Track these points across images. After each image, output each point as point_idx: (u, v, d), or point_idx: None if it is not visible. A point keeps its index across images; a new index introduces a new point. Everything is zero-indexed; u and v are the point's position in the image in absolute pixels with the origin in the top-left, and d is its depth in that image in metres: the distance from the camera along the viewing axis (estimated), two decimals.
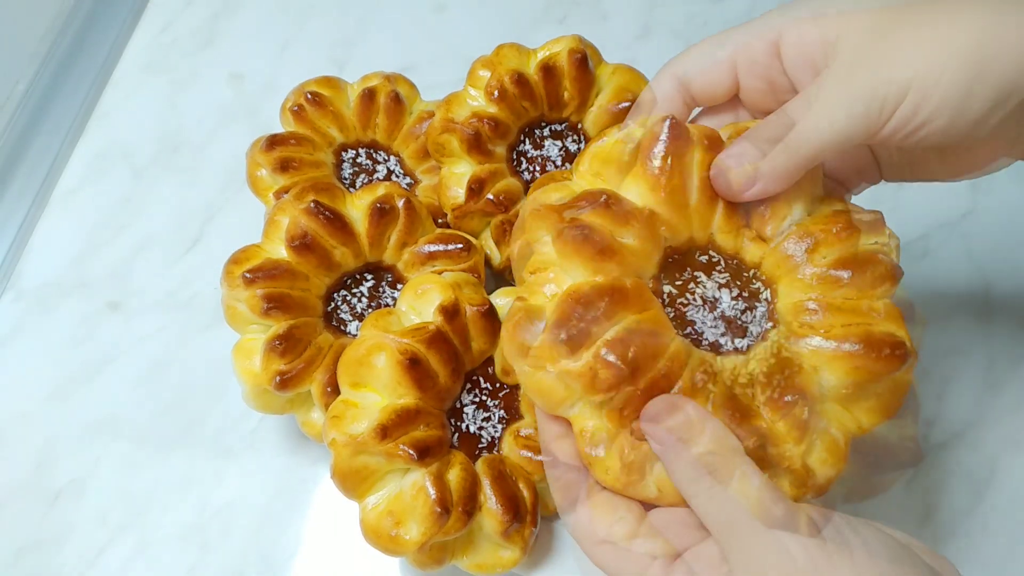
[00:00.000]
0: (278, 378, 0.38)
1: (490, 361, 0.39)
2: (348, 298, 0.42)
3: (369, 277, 0.42)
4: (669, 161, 0.29)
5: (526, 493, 0.37)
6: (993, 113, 0.27)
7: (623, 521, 0.28)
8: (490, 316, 0.38)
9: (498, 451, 0.38)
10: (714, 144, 0.30)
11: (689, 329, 0.30)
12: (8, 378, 0.48)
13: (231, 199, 0.53)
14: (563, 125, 0.47)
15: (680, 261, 0.30)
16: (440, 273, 0.40)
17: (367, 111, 0.47)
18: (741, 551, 0.25)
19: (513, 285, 0.44)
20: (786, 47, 0.30)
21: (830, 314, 0.29)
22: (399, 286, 0.42)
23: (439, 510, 0.34)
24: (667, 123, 0.29)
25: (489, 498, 0.36)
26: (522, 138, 0.46)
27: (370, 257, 0.42)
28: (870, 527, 0.25)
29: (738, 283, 0.31)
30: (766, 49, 0.31)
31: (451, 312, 0.36)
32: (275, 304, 0.38)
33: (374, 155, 0.48)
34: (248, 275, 0.38)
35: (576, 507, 0.29)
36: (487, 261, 0.45)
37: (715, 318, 0.30)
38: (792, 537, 0.24)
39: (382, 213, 0.40)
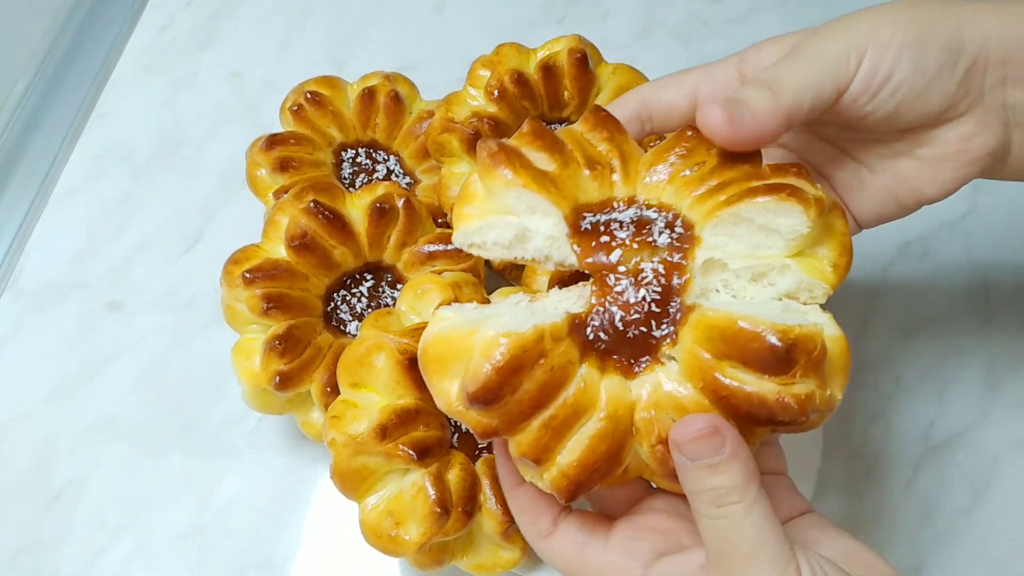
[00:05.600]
0: (277, 378, 0.38)
1: None
2: (348, 298, 0.42)
3: (369, 277, 0.42)
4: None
5: None
6: (947, 69, 0.30)
7: (593, 539, 0.29)
8: None
9: None
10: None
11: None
12: (7, 378, 0.48)
13: (230, 199, 0.53)
14: (563, 125, 0.47)
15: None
16: (440, 273, 0.40)
17: (367, 111, 0.47)
18: (726, 574, 0.26)
19: (513, 285, 0.44)
20: (747, 64, 0.33)
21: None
22: (399, 286, 0.42)
23: (439, 510, 0.34)
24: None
25: (489, 498, 0.36)
26: None
27: (370, 257, 0.42)
28: None
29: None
30: (728, 71, 0.34)
31: None
32: (274, 304, 0.38)
33: (374, 155, 0.48)
34: (248, 275, 0.38)
35: (548, 537, 0.30)
36: (487, 261, 0.45)
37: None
38: None
39: (382, 213, 0.40)
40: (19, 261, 0.51)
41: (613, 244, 0.28)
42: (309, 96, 0.46)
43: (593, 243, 0.29)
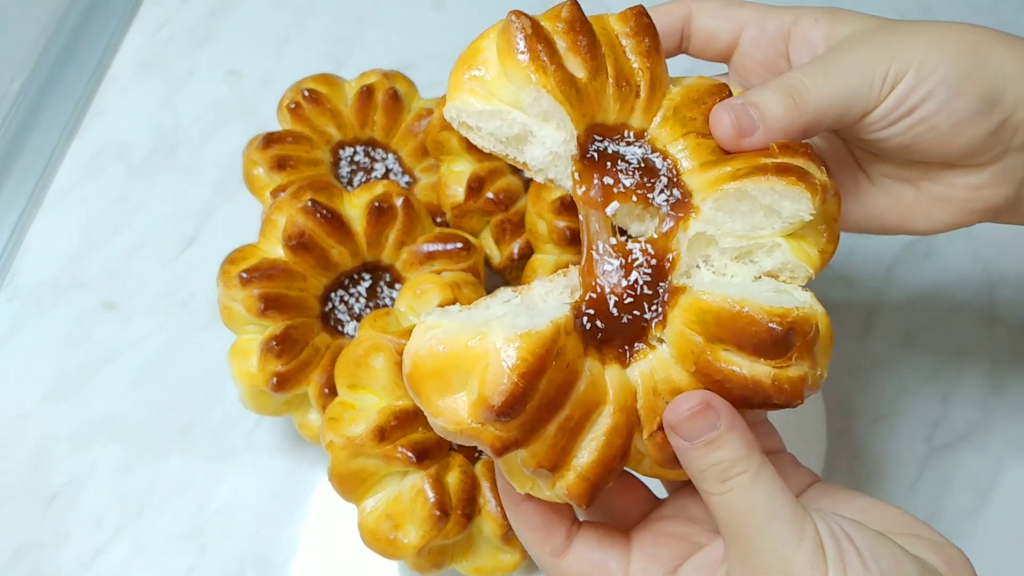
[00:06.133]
0: (275, 379, 0.38)
1: None
2: (346, 298, 0.42)
3: (367, 277, 0.42)
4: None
5: None
6: (977, 118, 0.29)
7: (613, 554, 0.27)
8: None
9: None
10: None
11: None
12: (4, 379, 0.48)
13: (228, 198, 0.53)
14: None
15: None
16: (439, 273, 0.39)
17: (365, 109, 0.47)
18: (743, 551, 0.25)
19: (513, 285, 0.44)
20: (798, 29, 0.32)
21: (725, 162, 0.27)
22: (397, 286, 0.42)
23: (438, 513, 0.33)
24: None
25: (489, 501, 0.35)
26: None
27: (368, 256, 0.41)
28: (877, 544, 0.24)
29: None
30: (779, 26, 0.32)
31: None
32: (272, 304, 0.38)
33: (372, 153, 0.48)
34: (244, 275, 0.38)
35: (562, 555, 0.27)
36: (487, 261, 0.44)
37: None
38: (793, 547, 0.24)
39: (380, 212, 0.40)
40: (15, 260, 0.51)
41: (615, 190, 0.27)
42: (307, 94, 0.46)
43: (595, 178, 0.27)
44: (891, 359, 0.48)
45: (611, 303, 0.26)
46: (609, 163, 0.27)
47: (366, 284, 0.42)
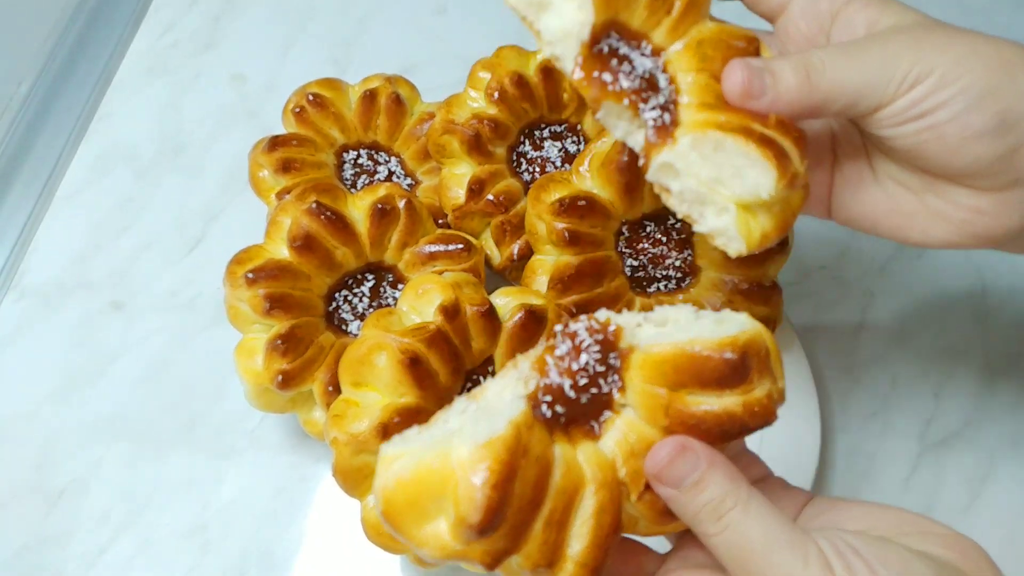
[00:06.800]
0: (280, 377, 0.38)
1: (490, 360, 0.39)
2: (349, 298, 0.42)
3: (370, 277, 0.43)
4: None
5: None
6: (988, 138, 0.28)
7: None
8: (490, 316, 0.38)
9: None
10: None
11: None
12: (11, 377, 0.48)
13: (233, 200, 0.53)
14: (563, 126, 0.47)
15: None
16: (441, 273, 0.40)
17: (368, 112, 0.47)
18: None
19: (513, 285, 0.45)
20: (847, 10, 0.32)
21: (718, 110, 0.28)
22: (400, 286, 0.42)
23: None
24: None
25: None
26: (522, 139, 0.46)
27: (371, 257, 0.42)
28: (883, 550, 0.24)
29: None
30: (831, 2, 0.32)
31: (451, 312, 0.36)
32: (277, 304, 0.39)
33: (375, 156, 0.49)
34: (250, 275, 0.39)
35: None
36: (487, 261, 0.45)
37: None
38: (800, 570, 0.24)
39: (383, 214, 0.40)
40: (23, 261, 0.51)
41: (610, 88, 0.27)
42: (311, 98, 0.46)
43: (596, 71, 0.28)
44: (884, 357, 0.49)
45: (566, 387, 0.26)
46: (615, 61, 0.28)
47: (369, 284, 0.42)
